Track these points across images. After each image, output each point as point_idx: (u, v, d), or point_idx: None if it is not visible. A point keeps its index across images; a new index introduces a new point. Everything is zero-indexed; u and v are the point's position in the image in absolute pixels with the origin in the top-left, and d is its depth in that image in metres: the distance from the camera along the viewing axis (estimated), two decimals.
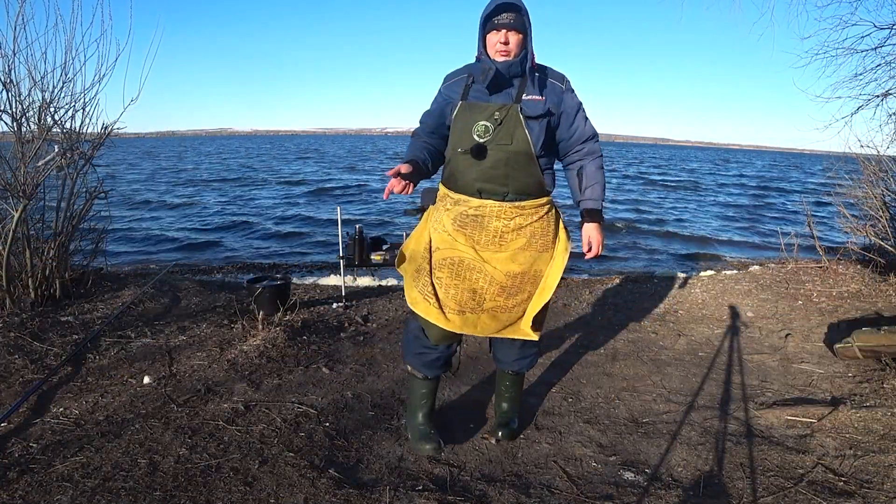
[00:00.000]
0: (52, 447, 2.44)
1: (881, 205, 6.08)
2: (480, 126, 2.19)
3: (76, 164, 4.48)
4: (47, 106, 4.25)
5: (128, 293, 4.61)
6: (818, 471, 2.45)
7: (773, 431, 2.81)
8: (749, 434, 2.75)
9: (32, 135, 4.21)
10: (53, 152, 4.26)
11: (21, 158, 4.08)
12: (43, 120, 4.26)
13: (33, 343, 3.48)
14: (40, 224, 4.41)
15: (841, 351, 3.72)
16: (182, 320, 4.10)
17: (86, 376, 3.14)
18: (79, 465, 2.31)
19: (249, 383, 3.12)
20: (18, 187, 3.99)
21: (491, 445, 2.62)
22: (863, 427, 2.81)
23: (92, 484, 2.19)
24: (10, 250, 3.95)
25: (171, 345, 3.63)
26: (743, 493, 2.30)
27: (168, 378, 3.15)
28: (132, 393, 2.95)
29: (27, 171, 4.06)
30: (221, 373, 3.25)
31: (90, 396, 2.90)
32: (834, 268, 6.04)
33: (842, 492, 2.30)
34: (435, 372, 2.54)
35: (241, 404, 2.86)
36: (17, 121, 4.15)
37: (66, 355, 3.32)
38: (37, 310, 4.02)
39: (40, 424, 2.62)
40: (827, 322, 4.46)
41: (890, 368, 3.49)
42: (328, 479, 2.28)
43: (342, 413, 2.88)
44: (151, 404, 2.84)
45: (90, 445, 2.46)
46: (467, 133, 2.21)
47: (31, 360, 3.26)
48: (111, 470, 2.29)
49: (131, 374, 3.18)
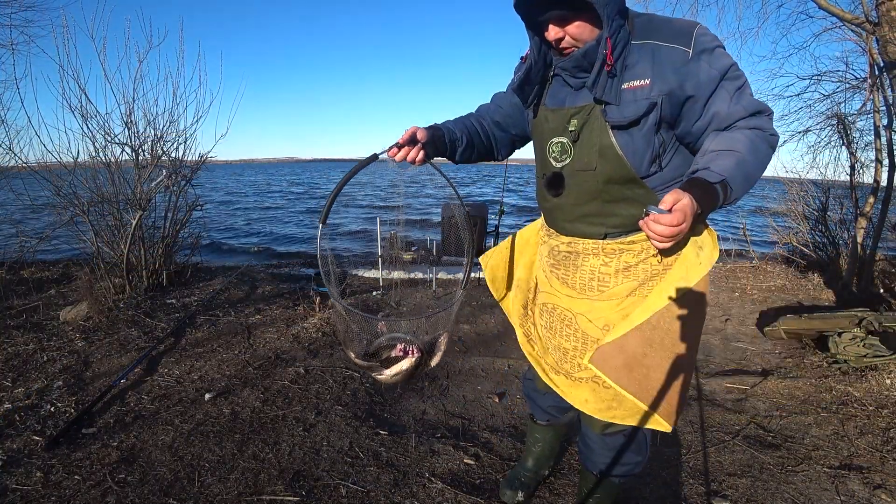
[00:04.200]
0: (159, 399, 2.47)
1: (802, 217, 6.01)
2: (555, 145, 1.25)
3: (179, 184, 4.54)
4: (158, 140, 4.32)
5: (217, 282, 4.65)
6: (751, 427, 2.39)
7: (715, 396, 2.75)
8: (696, 398, 2.70)
9: (147, 162, 4.28)
10: (162, 175, 4.33)
11: (137, 180, 4.15)
12: (154, 150, 4.33)
13: (146, 319, 3.53)
14: (152, 229, 4.48)
15: (770, 333, 3.64)
16: (258, 303, 4.12)
17: (185, 345, 3.17)
18: (178, 413, 2.34)
19: (308, 353, 3.13)
20: (136, 201, 4.07)
21: (494, 403, 2.60)
22: (787, 393, 2.75)
23: (188, 427, 2.21)
24: (130, 249, 4.01)
25: (250, 322, 3.65)
26: (692, 444, 2.25)
27: (246, 348, 3.17)
28: (220, 358, 2.97)
29: (142, 190, 4.13)
30: (287, 344, 3.26)
31: (188, 361, 2.92)
32: (764, 267, 5.96)
33: (770, 444, 2.25)
34: (543, 417, 1.74)
35: (301, 369, 2.87)
36: (136, 151, 4.23)
37: (170, 329, 3.35)
38: (149, 294, 4.08)
39: (150, 382, 2.65)
40: (759, 310, 4.37)
41: (809, 347, 3.42)
42: (368, 427, 2.27)
43: None
44: (234, 367, 2.86)
45: (187, 398, 2.48)
46: (543, 153, 1.30)
47: (144, 332, 3.31)
48: (203, 417, 2.31)
49: (219, 344, 3.21)
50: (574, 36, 1.12)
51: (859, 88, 5.01)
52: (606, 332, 1.27)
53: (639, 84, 1.10)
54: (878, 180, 4.87)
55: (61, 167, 4.06)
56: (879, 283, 4.67)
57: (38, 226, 4.79)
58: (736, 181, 1.01)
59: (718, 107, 1.09)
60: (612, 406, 1.28)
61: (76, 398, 2.43)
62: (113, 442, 2.09)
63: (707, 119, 1.11)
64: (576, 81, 1.20)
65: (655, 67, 1.09)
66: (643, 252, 1.23)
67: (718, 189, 1.00)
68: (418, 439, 2.19)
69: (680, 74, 1.08)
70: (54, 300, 3.91)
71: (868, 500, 1.87)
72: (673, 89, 1.09)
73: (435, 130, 1.33)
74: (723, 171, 1.00)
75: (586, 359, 1.26)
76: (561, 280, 1.37)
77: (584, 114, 1.18)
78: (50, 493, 1.77)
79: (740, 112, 1.08)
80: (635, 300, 1.25)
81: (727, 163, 1.01)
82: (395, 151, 1.24)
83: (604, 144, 1.16)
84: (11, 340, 3.07)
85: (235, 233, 11.92)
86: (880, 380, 2.77)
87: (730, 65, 1.09)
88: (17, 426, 2.19)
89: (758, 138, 1.07)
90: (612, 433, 1.39)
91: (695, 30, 1.09)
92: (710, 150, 1.06)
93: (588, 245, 1.29)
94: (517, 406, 2.59)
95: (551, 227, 1.39)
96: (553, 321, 1.40)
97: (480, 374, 2.99)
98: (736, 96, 1.09)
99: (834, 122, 5.34)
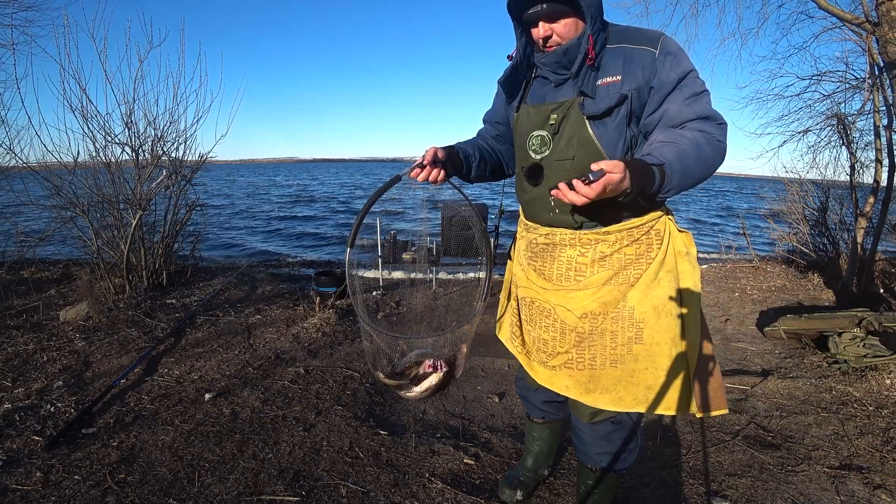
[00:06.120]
0: (159, 399, 2.47)
1: (802, 218, 6.01)
2: (535, 138, 1.33)
3: (179, 184, 4.54)
4: (158, 140, 4.32)
5: (217, 282, 4.65)
6: (751, 427, 2.39)
7: None
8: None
9: (147, 162, 4.27)
10: (162, 175, 4.33)
11: (137, 180, 4.15)
12: (155, 151, 4.33)
13: (146, 319, 3.52)
14: (152, 229, 4.48)
15: (770, 333, 3.64)
16: (258, 303, 4.13)
17: (185, 345, 3.17)
18: (178, 413, 2.34)
19: (308, 353, 3.13)
20: (136, 201, 4.06)
21: (494, 403, 2.60)
22: (787, 393, 2.74)
23: (188, 427, 2.21)
24: (130, 249, 4.01)
25: (250, 322, 3.65)
26: (692, 444, 2.25)
27: (246, 348, 3.17)
28: (220, 358, 2.97)
29: (142, 190, 4.12)
30: (287, 344, 3.26)
31: (188, 361, 2.92)
32: (764, 267, 5.95)
33: (770, 444, 2.24)
34: (538, 415, 1.77)
35: (301, 369, 2.87)
36: (136, 151, 4.22)
37: (170, 329, 3.35)
38: (149, 294, 4.08)
39: (150, 382, 2.65)
40: (758, 310, 4.37)
41: (809, 347, 3.42)
42: (368, 427, 2.27)
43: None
44: (234, 367, 2.86)
45: (187, 398, 2.48)
46: (523, 147, 1.38)
47: (144, 332, 3.30)
48: (203, 417, 2.31)
49: (219, 344, 3.21)
50: (560, 34, 1.23)
51: (859, 88, 5.01)
52: (584, 320, 1.33)
53: (611, 80, 1.22)
54: (878, 180, 4.87)
55: (61, 167, 4.06)
56: (879, 283, 4.67)
57: (38, 226, 4.79)
58: (674, 168, 1.09)
59: (670, 105, 1.19)
60: (590, 389, 1.34)
61: (76, 398, 2.43)
62: (113, 442, 2.09)
63: (659, 114, 1.20)
64: (556, 77, 1.29)
65: (626, 66, 1.21)
66: (617, 242, 1.31)
67: (656, 171, 1.07)
68: (418, 439, 2.19)
69: (647, 71, 1.20)
70: (54, 300, 3.91)
71: (868, 500, 1.87)
72: (641, 86, 1.21)
73: (450, 149, 1.40)
74: (662, 158, 1.09)
75: (569, 345, 1.35)
76: (538, 272, 1.43)
77: (563, 108, 1.27)
78: (50, 493, 1.76)
79: (690, 114, 1.17)
80: (611, 288, 1.31)
81: (668, 151, 1.11)
82: (418, 172, 1.29)
83: (582, 135, 1.25)
84: (11, 340, 3.07)
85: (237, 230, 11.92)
86: (880, 380, 2.77)
87: (689, 70, 1.20)
88: (17, 426, 2.19)
89: (703, 139, 1.14)
90: (599, 421, 1.42)
91: (662, 36, 1.23)
92: (656, 140, 1.17)
93: (565, 236, 1.35)
94: (517, 406, 2.58)
95: (530, 219, 1.46)
96: (533, 314, 1.46)
97: (480, 374, 2.99)
98: (690, 100, 1.18)
99: (834, 122, 5.34)
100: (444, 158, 1.33)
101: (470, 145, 1.50)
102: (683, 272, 1.30)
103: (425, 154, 1.30)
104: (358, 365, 2.98)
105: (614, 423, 1.41)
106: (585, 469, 1.53)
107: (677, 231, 1.34)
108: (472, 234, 1.40)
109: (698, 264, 1.34)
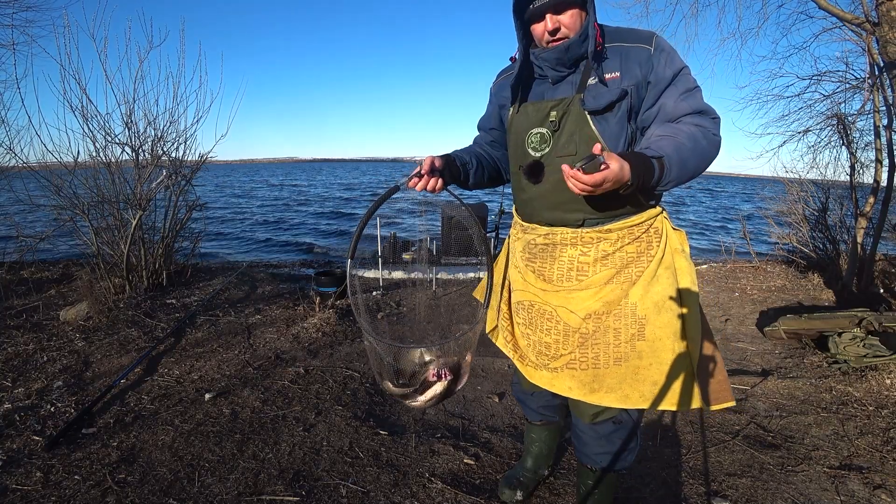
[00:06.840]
0: (159, 399, 2.47)
1: (802, 218, 6.01)
2: (534, 135, 1.32)
3: (179, 184, 4.54)
4: (158, 140, 4.32)
5: (217, 282, 4.65)
6: (751, 427, 2.39)
7: None
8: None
9: (147, 162, 4.28)
10: (162, 175, 4.33)
11: (137, 180, 4.15)
12: (155, 151, 4.33)
13: (146, 319, 3.52)
14: (152, 229, 4.48)
15: (769, 333, 3.64)
16: (258, 303, 4.12)
17: (185, 345, 3.17)
18: (178, 413, 2.34)
19: (308, 353, 3.13)
20: (136, 201, 4.07)
21: (494, 403, 2.60)
22: (787, 393, 2.74)
23: (188, 427, 2.21)
24: (130, 249, 4.01)
25: (250, 322, 3.65)
26: (692, 444, 2.25)
27: (246, 348, 3.17)
28: (220, 358, 2.97)
29: (142, 190, 4.13)
30: (287, 344, 3.26)
31: (188, 361, 2.92)
32: (764, 267, 5.95)
33: (770, 444, 2.24)
34: (536, 418, 1.77)
35: (302, 368, 2.87)
36: (136, 151, 4.23)
37: (170, 329, 3.35)
38: (149, 294, 4.08)
39: (150, 382, 2.65)
40: (758, 310, 4.37)
41: (809, 347, 3.42)
42: (368, 427, 2.27)
43: None
44: (234, 367, 2.86)
45: (187, 398, 2.48)
46: (521, 146, 1.36)
47: (144, 332, 3.30)
48: (203, 417, 2.31)
49: (219, 344, 3.21)
50: (567, 25, 1.24)
51: (859, 88, 5.01)
52: (588, 321, 1.31)
53: (611, 76, 1.24)
54: (878, 180, 4.87)
55: (61, 167, 4.06)
56: (879, 283, 4.67)
57: (38, 226, 4.79)
58: (672, 161, 1.12)
59: (666, 101, 1.22)
60: (594, 388, 1.31)
61: (76, 398, 2.43)
62: (113, 442, 2.09)
63: (656, 109, 1.24)
64: (554, 74, 1.31)
65: (624, 64, 1.23)
66: (619, 240, 1.30)
67: (655, 164, 1.10)
68: (418, 439, 2.19)
69: (644, 68, 1.23)
70: (54, 300, 3.91)
71: (868, 500, 1.87)
72: (639, 81, 1.23)
73: (448, 158, 1.40)
74: (661, 151, 1.12)
75: (573, 346, 1.33)
76: (537, 273, 1.40)
77: (563, 105, 1.28)
78: (50, 493, 1.76)
79: (685, 109, 1.20)
80: (613, 287, 1.30)
81: (666, 145, 1.14)
82: (416, 181, 1.28)
83: (583, 131, 1.25)
84: (11, 340, 3.07)
85: (238, 230, 11.84)
86: (880, 380, 2.77)
87: (682, 67, 1.23)
88: (17, 426, 2.19)
89: (699, 133, 1.18)
90: (600, 421, 1.41)
91: (654, 35, 1.26)
92: (654, 134, 1.20)
93: (566, 235, 1.33)
94: (517, 406, 2.58)
95: (528, 220, 1.44)
96: (532, 317, 1.43)
97: (480, 374, 2.99)
98: (685, 95, 1.21)
99: (834, 123, 5.34)
100: (441, 167, 1.33)
101: (467, 153, 1.51)
102: (681, 269, 1.30)
103: (423, 163, 1.30)
104: (358, 365, 2.98)
105: (615, 424, 1.41)
106: (585, 469, 1.53)
107: (672, 229, 1.35)
108: (471, 233, 1.38)
109: (692, 262, 1.36)
